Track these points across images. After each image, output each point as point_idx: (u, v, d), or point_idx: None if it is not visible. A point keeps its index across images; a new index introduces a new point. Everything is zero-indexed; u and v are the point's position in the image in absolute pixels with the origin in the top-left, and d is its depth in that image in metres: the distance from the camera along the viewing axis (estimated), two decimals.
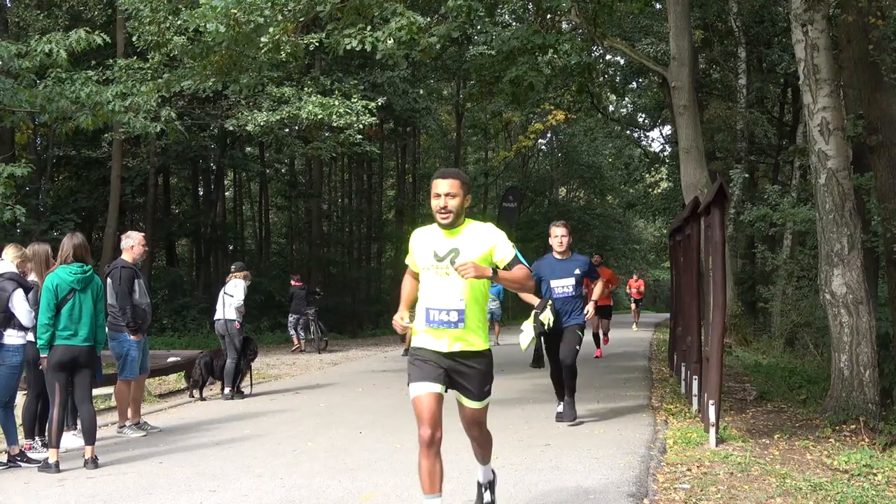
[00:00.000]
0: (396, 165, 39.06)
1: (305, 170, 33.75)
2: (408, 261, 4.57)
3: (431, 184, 4.31)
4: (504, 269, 4.24)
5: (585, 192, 51.10)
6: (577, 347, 8.28)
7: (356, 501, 5.42)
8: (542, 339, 8.40)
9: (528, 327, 7.57)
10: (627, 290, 27.90)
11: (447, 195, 4.20)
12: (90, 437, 6.65)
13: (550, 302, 8.00)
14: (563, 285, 8.30)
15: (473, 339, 4.29)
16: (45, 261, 7.20)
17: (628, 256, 52.23)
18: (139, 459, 6.99)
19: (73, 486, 6.00)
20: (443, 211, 4.21)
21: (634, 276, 28.63)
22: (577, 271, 8.37)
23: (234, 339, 11.01)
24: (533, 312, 7.88)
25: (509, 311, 28.47)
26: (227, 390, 10.94)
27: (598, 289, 9.11)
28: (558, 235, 8.38)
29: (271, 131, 20.83)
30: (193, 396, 11.08)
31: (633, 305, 28.41)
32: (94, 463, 6.57)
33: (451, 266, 4.17)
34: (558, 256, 8.46)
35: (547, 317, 7.84)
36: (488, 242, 4.28)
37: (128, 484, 6.06)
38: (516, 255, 4.29)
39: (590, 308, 8.50)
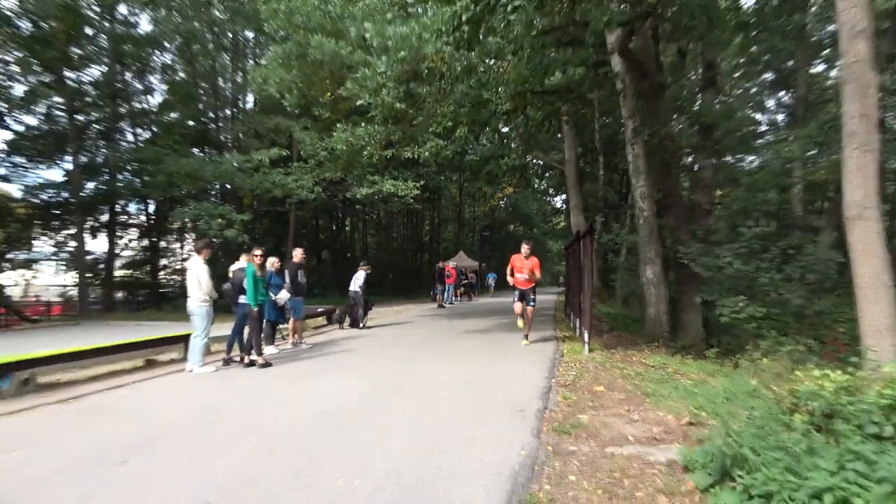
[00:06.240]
0: (430, 216, 38.97)
1: (386, 217, 33.70)
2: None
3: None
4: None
5: (524, 227, 50.75)
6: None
7: (427, 381, 5.37)
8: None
9: None
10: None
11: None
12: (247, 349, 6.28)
13: None
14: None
15: None
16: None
17: (542, 258, 51.50)
18: (303, 359, 6.92)
19: (260, 373, 6.02)
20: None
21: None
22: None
23: (359, 300, 10.37)
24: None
25: None
26: (358, 325, 10.34)
27: None
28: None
29: (368, 197, 20.84)
30: (342, 327, 10.44)
31: (517, 301, 7.42)
32: (243, 361, 6.24)
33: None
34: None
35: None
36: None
37: (295, 371, 6.05)
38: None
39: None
